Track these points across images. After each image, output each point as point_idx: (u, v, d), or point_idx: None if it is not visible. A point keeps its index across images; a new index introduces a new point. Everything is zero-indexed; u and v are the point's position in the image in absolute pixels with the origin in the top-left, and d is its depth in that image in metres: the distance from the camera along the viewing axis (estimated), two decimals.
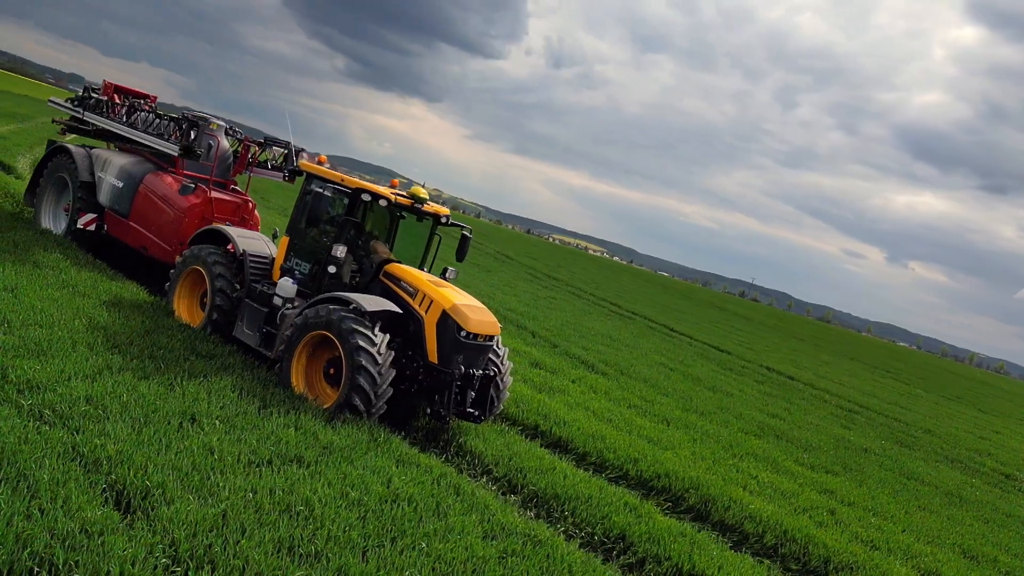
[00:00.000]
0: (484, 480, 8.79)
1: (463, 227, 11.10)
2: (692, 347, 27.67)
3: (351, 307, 9.02)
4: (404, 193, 10.28)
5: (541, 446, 10.44)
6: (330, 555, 5.37)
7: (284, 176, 14.05)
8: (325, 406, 8.82)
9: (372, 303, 9.12)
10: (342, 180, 10.06)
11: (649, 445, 11.23)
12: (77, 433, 6.14)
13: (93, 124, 14.71)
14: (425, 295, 9.44)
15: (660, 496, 9.76)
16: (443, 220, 10.73)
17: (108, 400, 6.91)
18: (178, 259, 11.28)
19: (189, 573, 4.75)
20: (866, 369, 45.22)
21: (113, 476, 5.61)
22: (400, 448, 8.06)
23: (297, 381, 9.27)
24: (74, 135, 16.03)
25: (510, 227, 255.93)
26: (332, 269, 9.74)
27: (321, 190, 10.10)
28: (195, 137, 12.54)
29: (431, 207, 10.55)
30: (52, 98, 16.26)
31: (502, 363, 10.38)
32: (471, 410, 9.62)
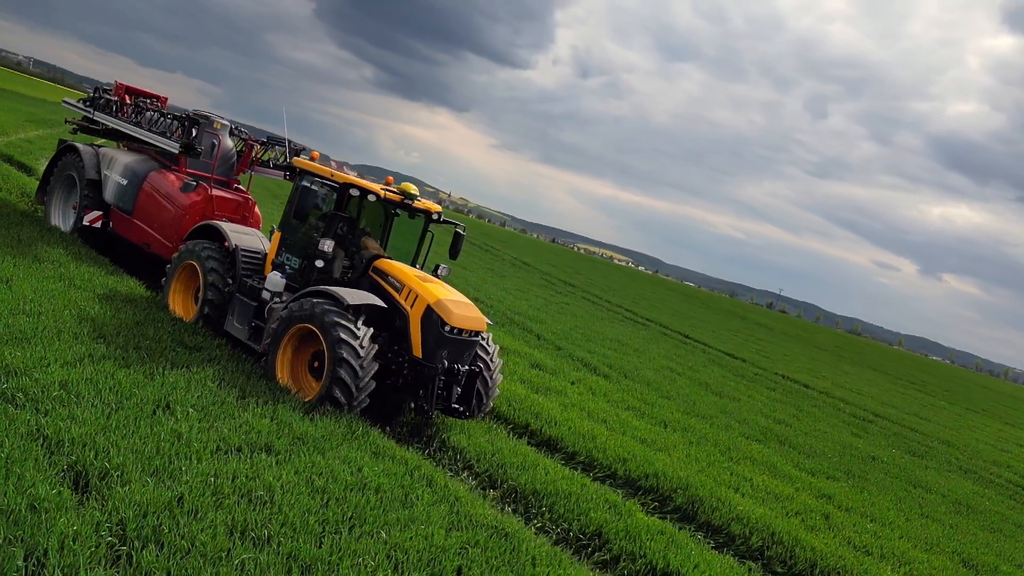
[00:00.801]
0: (465, 475, 8.75)
1: (456, 224, 11.10)
2: (705, 354, 27.38)
3: (335, 301, 9.06)
4: (394, 189, 10.31)
5: (529, 444, 10.38)
6: (282, 539, 5.36)
7: (285, 175, 14.17)
8: (307, 398, 8.85)
9: (356, 296, 9.14)
10: (331, 175, 10.11)
11: (641, 446, 11.11)
12: (45, 415, 6.22)
13: (102, 123, 14.99)
14: (411, 290, 9.43)
15: (647, 496, 9.64)
16: (434, 217, 10.74)
17: (83, 386, 6.98)
18: (174, 255, 11.41)
19: (133, 552, 4.76)
20: (889, 380, 44.39)
21: (74, 457, 5.65)
22: (378, 441, 8.03)
23: (282, 374, 9.31)
24: (85, 135, 16.32)
25: (535, 236, 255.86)
26: (320, 263, 9.78)
27: (310, 185, 10.16)
28: (196, 135, 12.72)
29: (422, 203, 10.57)
30: (66, 99, 16.61)
31: (491, 360, 10.33)
32: (456, 406, 9.60)
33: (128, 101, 15.19)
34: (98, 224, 13.78)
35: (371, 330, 8.98)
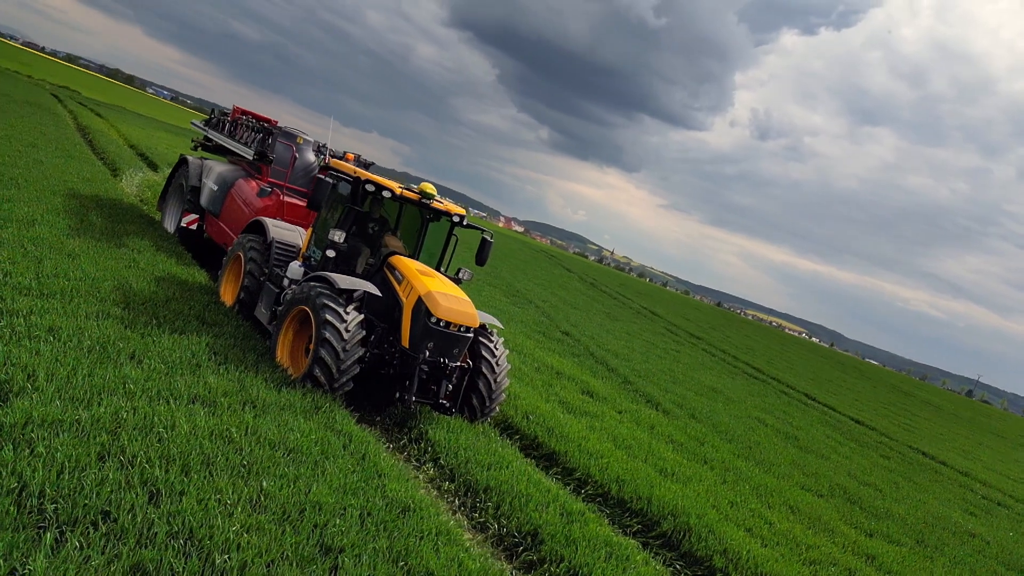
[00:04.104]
0: (428, 467, 8.63)
1: (483, 230, 11.20)
2: (821, 415, 25.14)
3: (329, 285, 9.41)
4: (413, 188, 10.62)
5: (529, 457, 10.11)
6: (147, 466, 5.58)
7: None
8: (295, 377, 9.17)
9: (349, 282, 9.43)
10: (354, 173, 10.61)
11: (655, 473, 10.41)
12: (16, 346, 6.92)
13: (213, 139, 16.74)
14: (408, 282, 9.60)
15: (632, 518, 9.00)
16: (455, 219, 10.89)
17: (69, 331, 7.70)
18: (230, 247, 12.39)
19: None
20: None
21: (2, 376, 6.25)
22: (340, 419, 8.11)
23: (282, 354, 9.73)
24: (204, 151, 18.26)
25: (698, 298, 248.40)
26: (331, 253, 10.21)
27: (331, 180, 10.71)
28: (269, 144, 13.85)
29: (445, 206, 10.78)
30: (193, 120, 18.72)
31: (497, 364, 10.23)
32: (443, 402, 9.55)
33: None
34: (194, 226, 15.28)
35: (361, 316, 9.21)
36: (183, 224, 15.24)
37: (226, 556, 4.84)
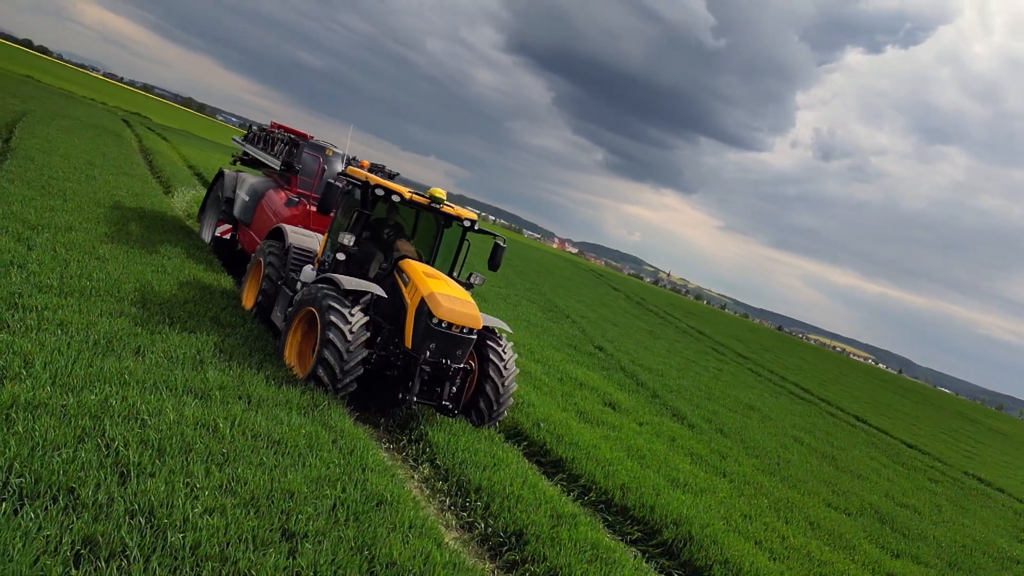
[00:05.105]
0: (426, 467, 8.61)
1: (495, 235, 11.25)
2: (868, 436, 24.16)
3: (335, 286, 9.56)
4: (423, 193, 10.73)
5: (536, 463, 10.01)
6: (121, 447, 5.73)
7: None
8: (301, 377, 9.31)
9: (354, 283, 9.56)
10: (366, 178, 10.79)
11: (665, 482, 10.16)
12: (21, 337, 7.23)
13: (249, 153, 17.30)
14: (414, 283, 9.68)
15: (634, 525, 8.80)
16: (466, 224, 10.94)
17: (78, 326, 8.01)
18: (253, 254, 12.72)
19: None
20: None
21: (1, 362, 6.52)
22: (337, 418, 8.18)
23: (290, 354, 9.90)
24: (243, 164, 18.87)
25: (758, 321, 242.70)
26: (341, 256, 10.37)
27: (339, 184, 10.90)
28: (295, 155, 14.21)
29: (455, 210, 10.86)
30: (234, 136, 19.39)
31: (504, 368, 10.20)
32: (446, 403, 9.56)
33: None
34: (227, 236, 15.76)
35: (366, 318, 9.32)
36: (217, 234, 15.73)
37: (181, 535, 4.91)
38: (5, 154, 18.95)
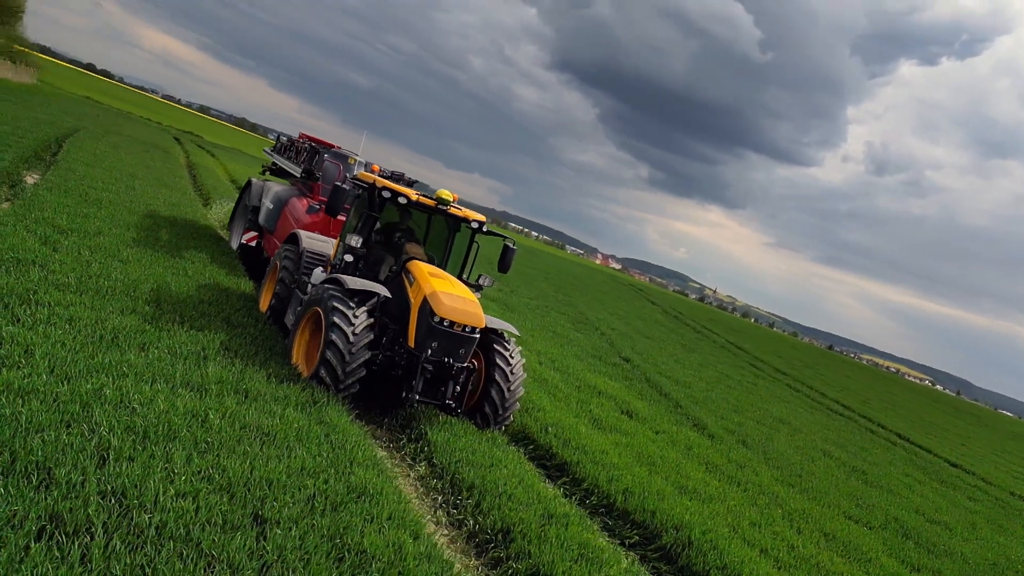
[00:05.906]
0: (423, 465, 8.63)
1: (505, 237, 11.30)
2: (908, 454, 23.34)
3: (340, 286, 9.69)
4: (429, 195, 10.83)
5: (540, 466, 9.95)
6: (105, 432, 5.87)
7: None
8: (305, 377, 9.43)
9: (359, 283, 9.67)
10: (373, 181, 10.93)
11: (672, 488, 9.99)
12: (30, 330, 7.48)
13: (277, 163, 17.71)
14: (418, 283, 9.76)
15: (633, 529, 8.66)
16: (473, 226, 10.99)
17: (87, 321, 8.25)
18: (272, 259, 12.98)
19: None
20: None
21: (3, 351, 6.76)
22: (334, 414, 8.25)
23: (297, 354, 10.04)
24: (272, 175, 19.30)
25: (807, 340, 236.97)
26: (349, 257, 10.51)
27: (347, 187, 11.07)
28: (315, 162, 14.49)
29: (463, 212, 10.93)
30: (265, 147, 19.87)
31: (511, 372, 10.20)
32: (449, 402, 9.57)
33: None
34: (253, 243, 16.12)
35: (370, 320, 9.41)
36: (243, 241, 16.10)
37: (148, 516, 5.01)
38: (50, 166, 19.73)
